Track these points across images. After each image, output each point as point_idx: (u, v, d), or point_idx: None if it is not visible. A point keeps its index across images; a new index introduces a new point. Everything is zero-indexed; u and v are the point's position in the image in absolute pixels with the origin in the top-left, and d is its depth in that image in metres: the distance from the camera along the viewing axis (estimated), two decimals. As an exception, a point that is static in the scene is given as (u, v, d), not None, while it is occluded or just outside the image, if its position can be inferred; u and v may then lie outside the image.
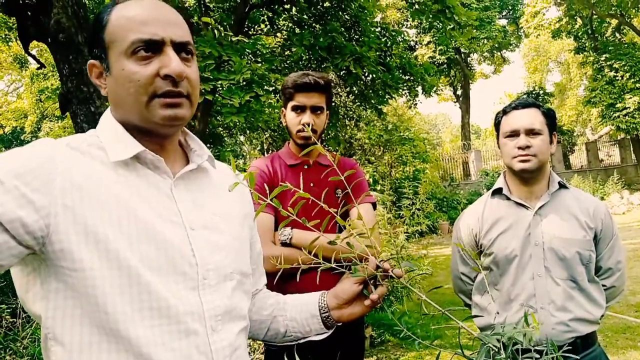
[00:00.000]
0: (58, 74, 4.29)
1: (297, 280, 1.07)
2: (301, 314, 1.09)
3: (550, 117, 1.74)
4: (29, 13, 4.33)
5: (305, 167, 1.88)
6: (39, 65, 6.65)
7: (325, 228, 1.95)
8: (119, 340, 0.78)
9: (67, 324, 0.78)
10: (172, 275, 0.84)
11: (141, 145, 0.88)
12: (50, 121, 21.50)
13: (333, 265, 1.04)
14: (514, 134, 1.71)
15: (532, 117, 1.70)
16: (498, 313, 1.71)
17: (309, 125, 1.79)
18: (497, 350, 0.85)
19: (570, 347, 1.62)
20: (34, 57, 6.31)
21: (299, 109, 1.84)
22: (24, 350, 3.50)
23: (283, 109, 1.93)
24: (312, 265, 1.06)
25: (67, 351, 0.78)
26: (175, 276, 0.85)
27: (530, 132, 1.69)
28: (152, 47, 0.86)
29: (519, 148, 1.69)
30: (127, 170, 0.87)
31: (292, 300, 1.12)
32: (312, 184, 1.83)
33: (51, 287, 0.78)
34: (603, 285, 1.73)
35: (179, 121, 0.89)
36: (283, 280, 1.36)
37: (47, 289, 0.79)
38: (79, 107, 4.12)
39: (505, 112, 1.78)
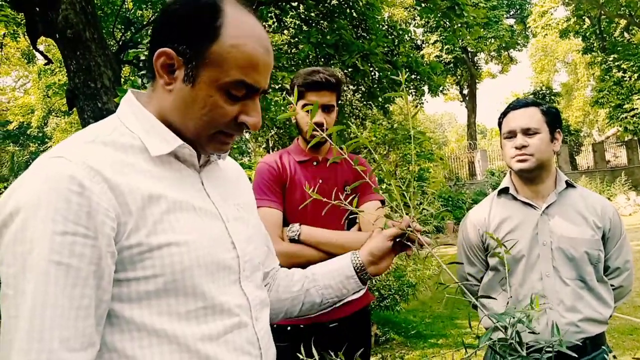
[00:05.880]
0: (65, 70, 4.30)
1: None
2: (335, 279, 1.12)
3: (550, 115, 1.71)
4: (37, 9, 4.34)
5: (315, 163, 1.87)
6: (46, 61, 6.68)
7: (334, 225, 1.93)
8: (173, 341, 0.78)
9: (127, 337, 0.77)
10: (215, 272, 0.84)
11: (179, 139, 0.86)
12: (57, 116, 21.59)
13: None
14: (512, 134, 1.71)
15: (528, 117, 1.69)
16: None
17: (322, 126, 1.76)
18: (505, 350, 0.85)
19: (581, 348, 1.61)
20: (41, 52, 6.33)
21: None
22: None
23: (293, 104, 1.91)
24: None
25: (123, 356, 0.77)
26: (221, 271, 0.85)
27: (527, 132, 1.68)
28: (248, 92, 0.84)
29: (516, 148, 1.68)
30: (162, 163, 0.85)
31: (320, 269, 1.15)
32: (320, 181, 1.82)
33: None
34: (611, 285, 1.72)
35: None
36: None
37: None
38: (86, 102, 4.14)
39: (505, 113, 1.77)
